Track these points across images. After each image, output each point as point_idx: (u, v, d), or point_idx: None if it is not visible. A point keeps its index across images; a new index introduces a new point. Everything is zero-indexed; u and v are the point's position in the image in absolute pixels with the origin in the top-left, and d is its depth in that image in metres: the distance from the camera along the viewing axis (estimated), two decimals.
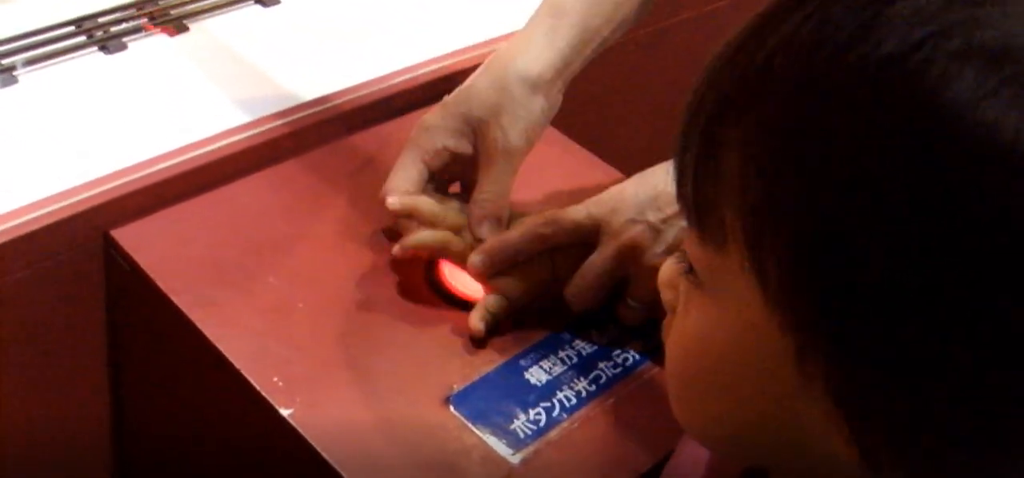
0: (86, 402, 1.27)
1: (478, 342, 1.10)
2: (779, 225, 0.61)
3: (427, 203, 1.15)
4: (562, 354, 1.11)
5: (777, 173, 0.61)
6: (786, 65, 0.61)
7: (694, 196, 0.67)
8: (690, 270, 0.70)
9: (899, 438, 0.61)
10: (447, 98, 1.18)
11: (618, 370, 1.10)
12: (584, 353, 1.11)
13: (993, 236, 0.56)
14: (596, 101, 1.61)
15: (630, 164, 1.30)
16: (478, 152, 1.17)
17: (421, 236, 1.14)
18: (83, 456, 1.31)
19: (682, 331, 0.72)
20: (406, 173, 1.16)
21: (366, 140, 1.33)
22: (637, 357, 1.12)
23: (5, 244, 1.12)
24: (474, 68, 1.20)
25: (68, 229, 1.16)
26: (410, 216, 1.15)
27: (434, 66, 1.42)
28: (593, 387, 1.08)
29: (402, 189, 1.15)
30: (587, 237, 1.11)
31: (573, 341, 1.12)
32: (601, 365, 1.10)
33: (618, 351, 1.12)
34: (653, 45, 1.65)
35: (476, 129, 1.16)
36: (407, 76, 1.40)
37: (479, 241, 1.14)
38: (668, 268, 0.77)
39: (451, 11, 1.56)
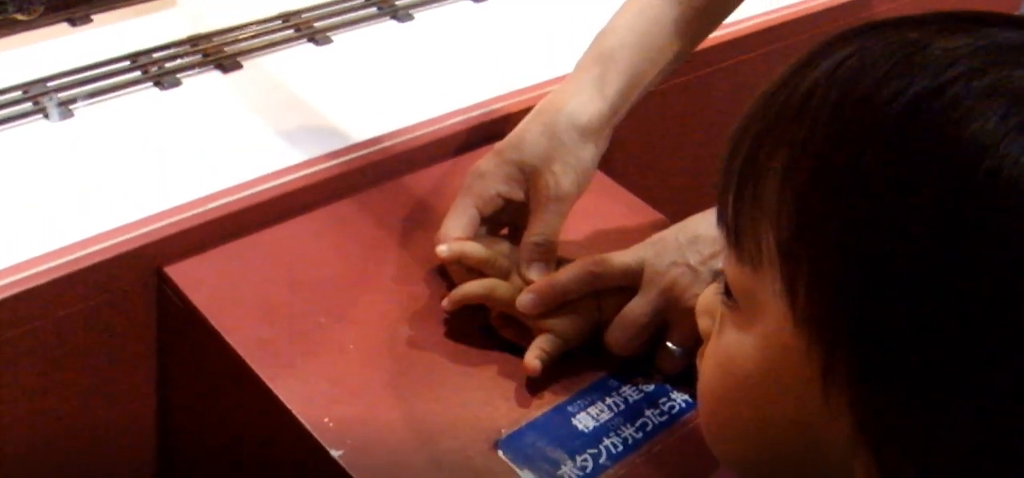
0: (134, 436, 1.28)
1: (529, 384, 1.10)
2: (810, 246, 0.64)
3: (476, 249, 1.16)
4: (609, 401, 1.11)
5: (811, 197, 0.64)
6: (824, 97, 0.65)
7: (734, 218, 0.70)
8: (727, 293, 0.73)
9: (921, 463, 0.63)
10: (499, 145, 1.19)
11: (664, 418, 1.10)
12: (631, 400, 1.11)
13: (1015, 265, 0.59)
14: (636, 143, 1.61)
15: (668, 206, 1.31)
16: (529, 197, 1.18)
17: (466, 289, 1.15)
18: None
19: (715, 351, 0.75)
20: (458, 219, 1.17)
21: (419, 181, 1.34)
22: (683, 404, 1.12)
23: (59, 279, 1.13)
24: (527, 110, 1.21)
25: (122, 265, 1.17)
26: (460, 262, 1.16)
27: (487, 108, 1.43)
28: (639, 434, 1.08)
29: (454, 235, 1.16)
30: (634, 280, 1.12)
31: (620, 388, 1.12)
32: (648, 412, 1.10)
33: (664, 398, 1.12)
34: (695, 90, 1.66)
35: (529, 176, 1.17)
36: (461, 118, 1.41)
37: (528, 282, 1.14)
38: (706, 295, 0.81)
39: (505, 53, 1.57)
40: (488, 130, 1.40)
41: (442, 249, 1.15)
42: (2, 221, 1.19)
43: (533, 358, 1.10)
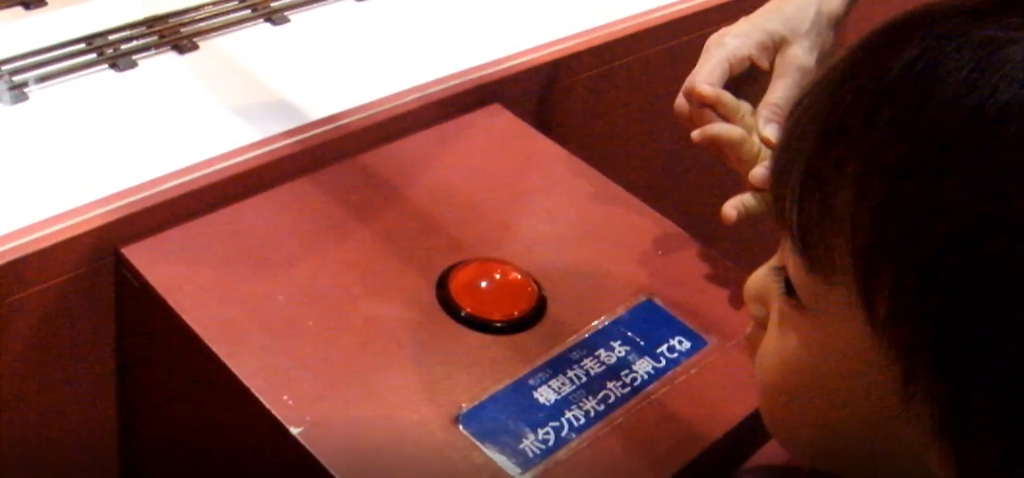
0: (94, 419, 1.27)
1: (490, 359, 1.10)
2: (892, 261, 0.63)
3: (731, 98, 1.18)
4: (570, 374, 1.11)
5: (891, 211, 0.63)
6: (900, 104, 0.63)
7: (800, 225, 0.69)
8: (789, 291, 0.72)
9: (1002, 468, 0.63)
10: (751, 16, 1.23)
11: (626, 390, 1.10)
12: (592, 373, 1.11)
13: None
14: (617, 126, 1.62)
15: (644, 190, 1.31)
16: (773, 67, 1.21)
17: (719, 127, 1.16)
18: (92, 465, 1.31)
19: (780, 349, 0.74)
20: (712, 70, 1.19)
21: (375, 159, 1.34)
22: (645, 377, 1.12)
23: (17, 260, 1.12)
24: (485, 86, 1.20)
25: (79, 246, 1.16)
26: (714, 106, 1.17)
27: (443, 86, 1.42)
28: (602, 407, 1.08)
29: (711, 81, 1.18)
30: None
31: (581, 361, 1.12)
32: (609, 385, 1.10)
33: (626, 371, 1.12)
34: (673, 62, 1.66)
35: (778, 44, 1.21)
36: (416, 95, 1.40)
37: (764, 142, 1.17)
38: (758, 283, 0.78)
39: (459, 31, 1.56)
40: (445, 107, 1.40)
41: (704, 88, 1.17)
42: None
43: (730, 207, 1.15)
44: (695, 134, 1.17)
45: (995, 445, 0.63)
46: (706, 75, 1.18)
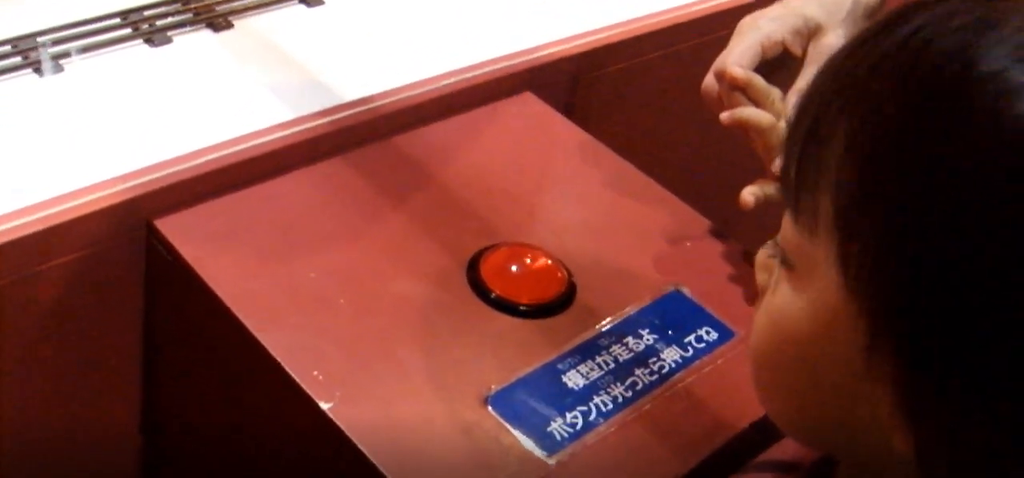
0: (121, 387, 1.27)
1: (520, 342, 1.10)
2: (867, 215, 0.63)
3: (762, 82, 1.17)
4: (599, 359, 1.11)
5: (872, 167, 0.63)
6: (893, 69, 0.64)
7: (795, 181, 0.69)
8: (783, 255, 0.72)
9: (953, 444, 0.63)
10: (787, 0, 1.22)
11: (654, 377, 1.11)
12: (621, 359, 1.12)
13: None
14: (644, 115, 1.62)
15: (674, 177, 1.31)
16: (805, 53, 1.21)
17: (750, 111, 1.16)
18: (115, 441, 1.31)
19: (768, 309, 0.74)
20: (744, 52, 1.18)
21: (407, 142, 1.34)
22: (673, 365, 1.12)
23: (50, 229, 1.13)
24: (517, 74, 1.21)
25: (112, 216, 1.16)
26: (744, 89, 1.17)
27: (477, 71, 1.43)
28: (629, 393, 1.08)
29: (741, 64, 1.17)
30: None
31: (610, 347, 1.12)
32: (637, 371, 1.11)
33: (654, 358, 1.12)
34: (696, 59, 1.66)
35: (812, 31, 1.20)
36: (450, 80, 1.40)
37: None
38: (765, 251, 0.79)
39: (494, 17, 1.57)
40: (479, 93, 1.40)
41: (736, 70, 1.16)
42: None
43: (749, 194, 1.15)
44: (724, 116, 1.17)
45: (947, 431, 0.63)
46: (738, 57, 1.18)
